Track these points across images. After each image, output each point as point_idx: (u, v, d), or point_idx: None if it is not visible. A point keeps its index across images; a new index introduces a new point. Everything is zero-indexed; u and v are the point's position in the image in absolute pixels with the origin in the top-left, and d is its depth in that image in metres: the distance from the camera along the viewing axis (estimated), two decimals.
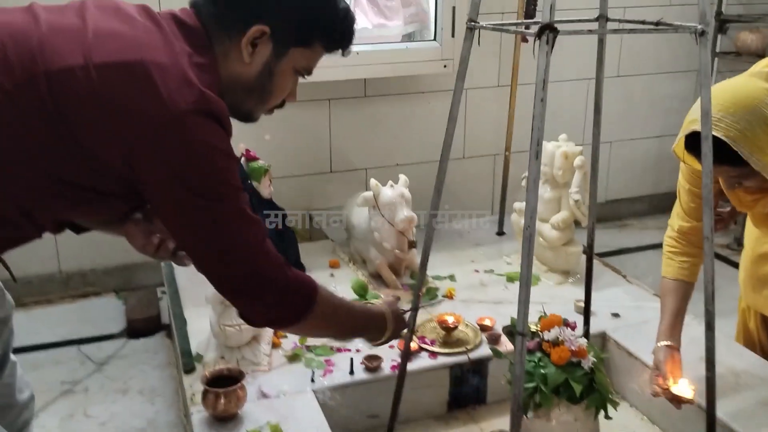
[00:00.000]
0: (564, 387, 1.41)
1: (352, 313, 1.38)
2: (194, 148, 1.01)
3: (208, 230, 1.07)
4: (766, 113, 1.37)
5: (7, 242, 1.14)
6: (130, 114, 0.98)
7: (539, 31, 1.12)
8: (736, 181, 1.50)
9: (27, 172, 1.01)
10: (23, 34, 1.01)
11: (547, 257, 2.48)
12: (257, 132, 2.84)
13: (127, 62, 1.00)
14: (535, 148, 1.15)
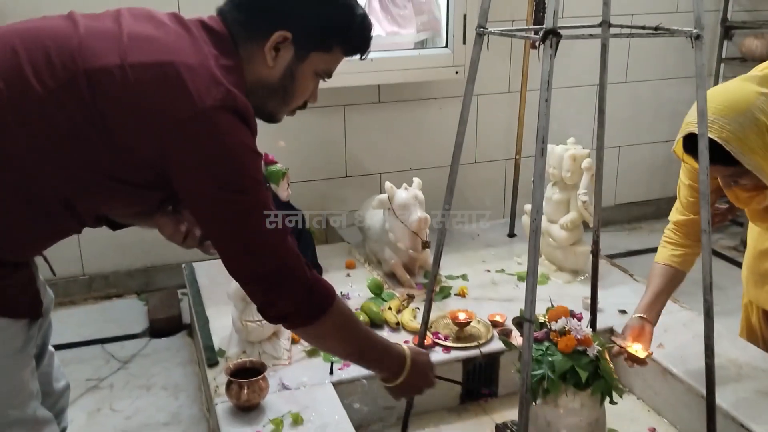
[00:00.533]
0: (570, 373, 1.48)
1: (369, 336, 1.40)
2: (220, 142, 1.08)
3: (232, 221, 1.14)
4: (757, 116, 1.44)
5: (50, 236, 1.23)
6: (161, 110, 1.07)
7: (543, 35, 1.20)
8: (732, 180, 1.57)
9: (69, 165, 1.09)
10: (64, 38, 1.10)
11: (556, 257, 2.55)
12: (273, 137, 2.93)
13: (159, 62, 1.08)
14: (540, 146, 1.22)
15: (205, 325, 2.23)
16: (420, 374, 1.45)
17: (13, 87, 1.05)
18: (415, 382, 1.45)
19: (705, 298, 1.42)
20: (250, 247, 1.16)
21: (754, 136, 1.45)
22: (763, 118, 1.46)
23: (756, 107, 1.46)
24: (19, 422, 1.19)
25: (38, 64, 1.07)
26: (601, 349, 1.53)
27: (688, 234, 1.85)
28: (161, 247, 2.98)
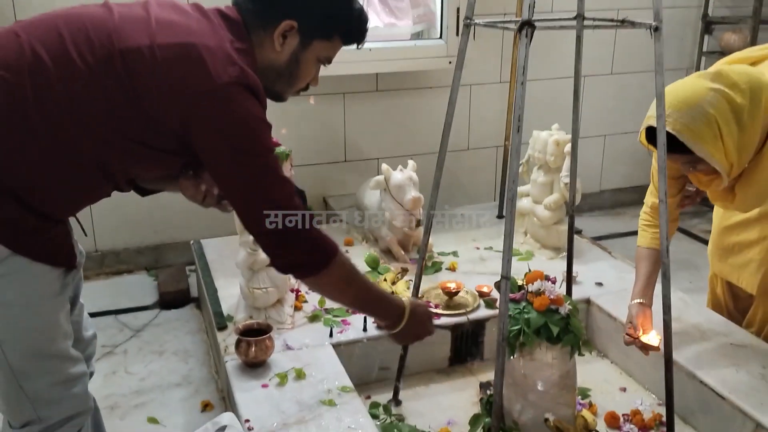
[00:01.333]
0: (544, 329, 1.67)
1: (370, 287, 1.57)
2: (234, 112, 1.25)
3: (245, 181, 1.31)
4: (707, 109, 1.62)
5: (86, 197, 1.40)
6: (184, 84, 1.24)
7: (520, 26, 1.37)
8: (690, 166, 1.76)
9: (103, 130, 1.26)
10: (101, 21, 1.27)
11: (540, 235, 2.73)
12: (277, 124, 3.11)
13: (183, 43, 1.25)
14: (516, 124, 1.40)
15: (214, 294, 2.41)
16: (419, 322, 1.64)
17: (58, 63, 1.23)
18: (415, 330, 1.64)
19: (662, 261, 1.60)
20: (262, 204, 1.33)
21: (704, 127, 1.63)
22: (713, 111, 1.64)
23: (706, 101, 1.64)
24: (56, 355, 1.36)
25: (80, 44, 1.24)
26: (572, 308, 1.71)
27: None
28: (170, 226, 3.19)
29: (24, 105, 1.21)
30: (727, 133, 1.65)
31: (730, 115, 1.65)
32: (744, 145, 1.69)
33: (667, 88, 1.71)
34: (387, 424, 1.95)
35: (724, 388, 1.85)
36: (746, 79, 1.68)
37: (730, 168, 1.71)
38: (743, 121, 1.66)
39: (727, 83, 1.67)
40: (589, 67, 3.71)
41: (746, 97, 1.66)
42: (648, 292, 1.97)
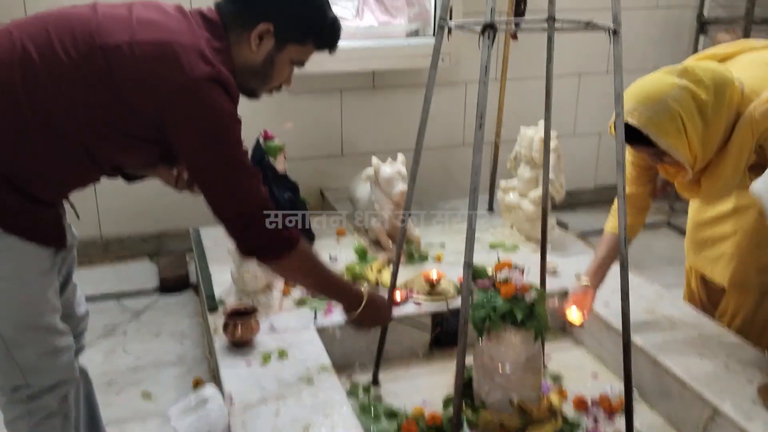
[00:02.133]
0: (509, 314, 1.76)
1: (329, 277, 1.70)
2: (205, 106, 1.36)
3: (213, 169, 1.42)
4: (671, 104, 1.70)
5: (74, 181, 1.51)
6: (160, 79, 1.35)
7: (482, 29, 1.47)
8: (656, 158, 1.84)
9: (88, 120, 1.37)
10: (86, 20, 1.39)
11: (525, 228, 2.82)
12: (280, 119, 3.23)
13: (160, 41, 1.36)
14: (479, 121, 1.50)
15: (208, 278, 2.53)
16: (375, 310, 1.76)
17: (44, 58, 1.34)
18: (372, 316, 1.76)
19: (620, 252, 1.69)
20: (227, 191, 1.45)
21: (668, 122, 1.71)
22: (677, 106, 1.71)
23: (671, 97, 1.71)
24: (44, 327, 1.48)
25: (65, 40, 1.35)
26: (537, 297, 1.80)
27: (633, 205, 2.11)
28: (171, 214, 3.32)
29: (14, 96, 1.32)
30: (691, 128, 1.72)
31: (694, 110, 1.72)
32: (708, 140, 1.76)
33: (634, 84, 1.80)
34: (364, 403, 2.05)
35: (686, 375, 1.94)
36: (711, 75, 1.75)
37: (693, 161, 1.78)
38: (707, 117, 1.73)
39: (692, 79, 1.74)
40: (585, 65, 3.80)
41: (711, 93, 1.73)
42: (597, 275, 2.09)
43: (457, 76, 3.51)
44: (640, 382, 2.09)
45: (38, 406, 1.50)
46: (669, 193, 2.18)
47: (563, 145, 3.07)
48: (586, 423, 2.00)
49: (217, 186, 1.45)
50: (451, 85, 3.54)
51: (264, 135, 2.74)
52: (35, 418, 1.50)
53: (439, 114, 3.54)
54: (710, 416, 1.83)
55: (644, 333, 2.14)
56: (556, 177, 2.72)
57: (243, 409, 1.80)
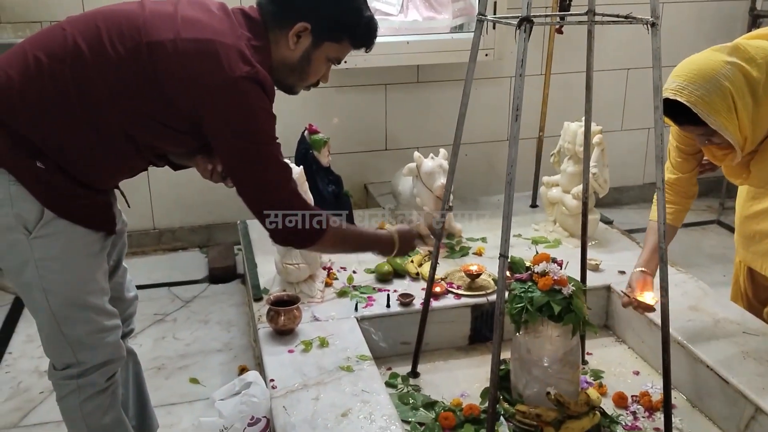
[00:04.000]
0: (546, 307, 1.77)
1: (360, 238, 1.79)
2: (241, 103, 1.42)
3: (246, 163, 1.48)
4: (722, 82, 1.67)
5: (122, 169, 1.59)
6: (200, 76, 1.41)
7: (519, 22, 1.48)
8: (705, 138, 1.80)
9: (132, 110, 1.45)
10: (133, 17, 1.46)
11: (568, 224, 2.81)
12: (328, 114, 3.29)
13: (202, 39, 1.42)
14: (515, 113, 1.51)
15: (254, 269, 2.61)
16: (407, 242, 1.84)
17: (94, 51, 1.42)
18: (405, 248, 1.84)
19: (660, 245, 1.68)
20: (259, 184, 1.51)
21: (719, 99, 1.68)
22: (728, 84, 1.68)
23: (721, 74, 1.68)
24: (92, 307, 1.56)
25: (113, 35, 1.43)
26: (575, 290, 1.81)
27: (677, 192, 2.09)
28: (221, 207, 3.41)
29: (66, 88, 1.41)
30: (742, 107, 1.69)
31: (745, 88, 1.68)
32: (759, 120, 1.72)
33: (684, 62, 1.77)
34: (402, 393, 2.09)
35: (728, 373, 1.91)
36: (763, 53, 1.71)
37: (744, 142, 1.74)
38: (758, 95, 1.69)
39: (743, 57, 1.70)
40: (633, 60, 3.74)
41: (762, 72, 1.69)
42: (651, 263, 2.06)
43: (501, 71, 3.51)
44: (682, 380, 2.07)
45: (87, 383, 1.59)
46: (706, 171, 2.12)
47: (610, 141, 3.04)
48: (626, 419, 1.99)
49: (249, 179, 1.51)
50: (496, 79, 3.54)
51: (309, 129, 2.79)
52: (84, 395, 1.59)
53: (484, 109, 3.55)
54: (752, 415, 1.81)
55: (687, 330, 2.12)
56: (600, 172, 2.69)
57: (284, 393, 1.86)
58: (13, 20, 2.99)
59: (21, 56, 1.44)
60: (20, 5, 2.97)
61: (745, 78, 1.68)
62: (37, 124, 1.42)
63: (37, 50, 1.44)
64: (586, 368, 2.22)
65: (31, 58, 1.43)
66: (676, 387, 2.07)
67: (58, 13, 2.95)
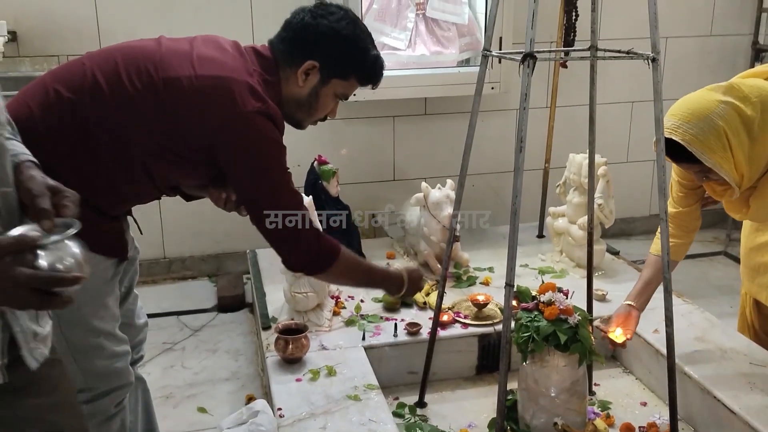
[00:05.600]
0: (552, 336, 1.78)
1: (371, 272, 1.82)
2: (253, 136, 1.48)
3: (259, 193, 1.54)
4: (716, 121, 1.71)
5: (136, 197, 1.63)
6: (214, 111, 1.47)
7: (523, 58, 1.52)
8: (703, 175, 1.83)
9: (148, 141, 1.50)
10: (151, 53, 1.52)
11: (574, 254, 2.83)
12: (337, 145, 3.34)
13: (217, 76, 1.49)
14: (519, 144, 1.55)
15: (262, 297, 2.63)
16: (415, 284, 1.87)
17: (111, 86, 1.48)
18: (414, 290, 1.88)
19: (664, 276, 1.69)
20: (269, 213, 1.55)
21: (713, 138, 1.71)
22: (722, 123, 1.71)
23: (716, 114, 1.72)
24: (103, 332, 1.59)
25: (131, 71, 1.49)
26: (581, 319, 1.82)
27: (679, 225, 2.11)
28: (230, 237, 3.45)
29: (85, 119, 1.46)
30: (737, 145, 1.72)
31: (740, 127, 1.72)
32: (755, 157, 1.75)
33: (679, 101, 1.81)
34: (410, 423, 2.09)
35: (736, 404, 1.91)
36: (757, 92, 1.75)
37: (740, 179, 1.77)
38: (754, 133, 1.72)
39: (737, 96, 1.74)
40: (637, 93, 3.79)
41: (757, 110, 1.72)
42: (641, 296, 2.08)
43: (507, 103, 3.56)
44: (689, 411, 2.07)
45: (97, 409, 1.61)
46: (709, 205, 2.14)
47: (616, 173, 3.07)
48: None
49: (261, 207, 1.55)
50: (502, 112, 3.59)
51: (318, 159, 2.84)
52: (94, 420, 1.61)
53: (491, 140, 3.60)
54: None
55: (695, 361, 2.12)
56: (606, 203, 2.72)
57: (292, 422, 1.87)
58: (31, 54, 3.07)
59: (41, 89, 1.50)
60: (39, 39, 3.06)
61: (740, 117, 1.71)
62: (56, 153, 1.47)
63: (57, 84, 1.49)
64: (594, 399, 2.21)
65: (51, 92, 1.48)
66: (684, 418, 2.07)
67: (76, 48, 3.03)
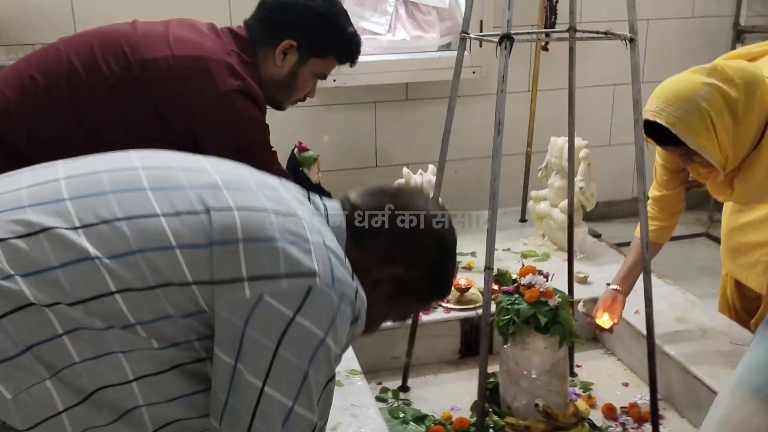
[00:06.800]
0: (533, 319, 1.79)
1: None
2: (235, 115, 1.47)
3: None
4: (700, 103, 1.70)
5: None
6: (193, 91, 1.46)
7: (500, 39, 1.51)
8: (687, 158, 1.84)
9: (127, 125, 1.48)
10: (126, 36, 1.51)
11: (557, 237, 2.83)
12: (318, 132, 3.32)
13: (195, 56, 1.47)
14: (497, 127, 1.54)
15: None
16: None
17: (88, 70, 1.47)
18: None
19: (643, 257, 1.70)
20: None
21: (697, 120, 1.71)
22: (706, 105, 1.70)
23: (699, 96, 1.71)
24: None
25: (107, 54, 1.48)
26: (561, 301, 1.83)
27: (663, 208, 2.12)
28: None
29: (62, 104, 1.45)
30: (721, 127, 1.71)
31: (724, 108, 1.71)
32: (739, 139, 1.74)
33: (663, 83, 1.80)
34: (393, 407, 2.10)
35: (716, 383, 1.92)
36: (741, 73, 1.74)
37: (725, 161, 1.77)
38: (738, 115, 1.71)
39: (721, 77, 1.73)
40: (620, 75, 3.78)
41: (741, 91, 1.71)
42: (626, 280, 2.09)
43: (490, 87, 3.54)
44: (670, 391, 2.08)
45: None
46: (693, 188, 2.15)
47: (599, 156, 3.08)
48: (615, 430, 2.00)
49: None
50: (485, 97, 3.58)
51: (299, 146, 2.81)
52: None
53: (473, 125, 3.59)
54: None
55: (675, 341, 2.14)
56: (587, 186, 2.73)
57: None
58: (5, 43, 3.02)
59: (16, 76, 1.48)
60: (14, 29, 3.01)
61: (724, 98, 1.71)
62: (32, 139, 1.45)
63: (33, 70, 1.47)
64: (576, 380, 2.23)
65: (26, 78, 1.46)
66: (664, 398, 2.08)
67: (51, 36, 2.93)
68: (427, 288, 1.18)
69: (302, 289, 0.92)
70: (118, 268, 0.89)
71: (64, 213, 0.91)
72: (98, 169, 1.00)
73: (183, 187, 0.97)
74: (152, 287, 0.90)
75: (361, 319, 1.02)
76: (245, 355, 0.91)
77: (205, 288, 0.91)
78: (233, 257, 0.91)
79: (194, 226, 0.92)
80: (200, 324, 0.92)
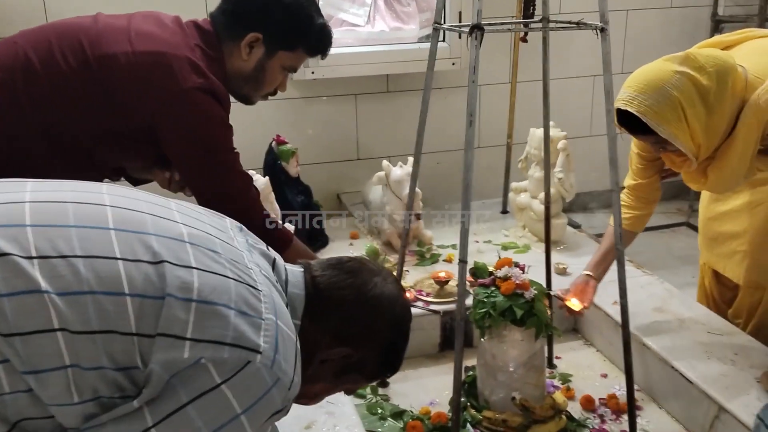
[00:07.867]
0: (509, 311, 1.77)
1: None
2: (195, 113, 1.44)
3: (202, 172, 1.50)
4: (671, 92, 1.69)
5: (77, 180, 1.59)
6: (153, 87, 1.42)
7: (470, 29, 1.49)
8: (660, 146, 1.83)
9: (85, 123, 1.45)
10: (86, 30, 1.47)
11: (536, 228, 2.82)
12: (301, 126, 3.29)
13: (156, 52, 1.44)
14: (468, 118, 1.52)
15: None
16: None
17: (44, 64, 1.43)
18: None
19: (617, 248, 1.69)
20: (217, 194, 1.51)
21: (668, 109, 1.70)
22: (677, 93, 1.69)
23: (670, 84, 1.70)
24: None
25: (65, 48, 1.44)
26: (537, 293, 1.81)
27: (638, 197, 2.11)
28: None
29: (16, 98, 1.41)
30: (692, 116, 1.70)
31: (695, 97, 1.69)
32: (711, 128, 1.73)
33: (635, 72, 1.79)
34: (370, 404, 2.08)
35: (693, 373, 1.92)
36: (713, 62, 1.73)
37: (697, 150, 1.76)
38: (710, 103, 1.70)
39: (693, 66, 1.71)
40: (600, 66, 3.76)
41: (713, 80, 1.70)
42: (600, 266, 2.11)
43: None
44: (648, 381, 2.08)
45: None
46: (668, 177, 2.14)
47: (578, 147, 3.07)
48: (593, 422, 2.00)
49: (207, 189, 1.50)
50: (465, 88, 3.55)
51: (276, 139, 2.79)
52: None
53: (454, 117, 3.56)
54: (716, 415, 1.82)
55: (653, 332, 2.14)
56: (566, 177, 2.72)
57: None
58: None
59: None
60: None
61: (695, 87, 1.69)
62: None
63: None
64: (555, 372, 2.22)
65: None
66: (643, 388, 2.09)
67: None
68: (376, 367, 1.19)
69: (240, 362, 0.91)
70: (65, 307, 0.86)
71: (22, 240, 0.88)
72: (65, 199, 0.97)
73: (148, 233, 0.95)
74: (94, 332, 0.87)
75: (286, 409, 1.00)
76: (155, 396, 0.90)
77: (146, 341, 0.89)
78: (183, 315, 0.90)
79: (150, 276, 0.90)
80: (127, 381, 0.90)
